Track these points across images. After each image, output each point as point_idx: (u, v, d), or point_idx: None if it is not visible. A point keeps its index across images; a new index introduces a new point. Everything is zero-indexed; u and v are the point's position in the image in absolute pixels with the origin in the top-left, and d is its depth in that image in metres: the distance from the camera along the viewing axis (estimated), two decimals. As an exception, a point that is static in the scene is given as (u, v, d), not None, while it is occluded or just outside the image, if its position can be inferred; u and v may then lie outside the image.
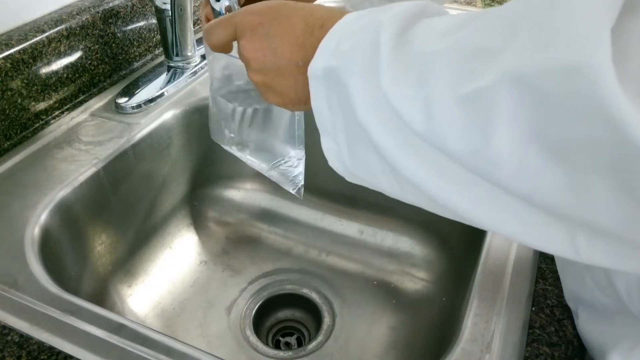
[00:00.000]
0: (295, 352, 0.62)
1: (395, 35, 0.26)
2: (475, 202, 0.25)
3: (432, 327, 0.62)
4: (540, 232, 0.24)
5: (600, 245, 0.23)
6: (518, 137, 0.21)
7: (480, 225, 0.26)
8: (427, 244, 0.71)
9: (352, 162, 0.30)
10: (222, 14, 0.41)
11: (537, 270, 0.46)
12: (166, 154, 0.70)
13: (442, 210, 0.27)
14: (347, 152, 0.30)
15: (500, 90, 0.21)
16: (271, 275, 0.70)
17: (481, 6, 0.97)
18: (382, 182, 0.29)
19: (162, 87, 0.70)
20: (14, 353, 0.40)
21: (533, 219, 0.24)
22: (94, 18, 0.67)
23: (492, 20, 0.23)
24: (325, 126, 0.31)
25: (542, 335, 0.41)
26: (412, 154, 0.26)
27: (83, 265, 0.60)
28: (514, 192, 0.23)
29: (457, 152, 0.24)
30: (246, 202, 0.78)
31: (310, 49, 0.30)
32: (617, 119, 0.18)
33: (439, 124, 0.24)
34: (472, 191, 0.25)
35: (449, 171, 0.25)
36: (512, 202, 0.24)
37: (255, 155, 0.49)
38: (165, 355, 0.40)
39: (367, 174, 0.30)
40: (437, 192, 0.26)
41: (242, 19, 0.34)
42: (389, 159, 0.27)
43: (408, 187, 0.28)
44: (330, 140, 0.31)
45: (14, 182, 0.56)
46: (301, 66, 0.31)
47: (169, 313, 0.65)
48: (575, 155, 0.20)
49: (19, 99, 0.61)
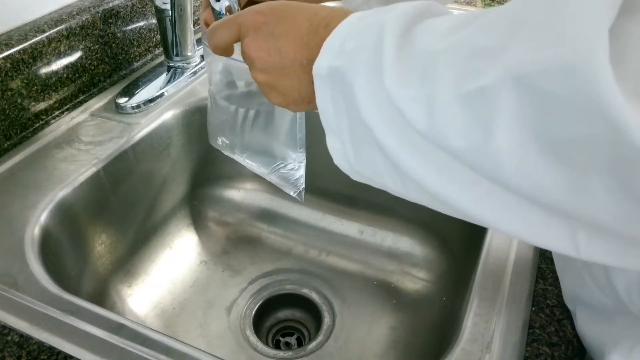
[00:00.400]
0: (295, 352, 0.62)
1: (399, 35, 0.26)
2: (476, 200, 0.26)
3: (432, 327, 0.62)
4: (541, 230, 0.25)
5: (601, 243, 0.23)
6: (518, 135, 0.21)
7: (482, 223, 0.27)
8: (427, 244, 0.71)
9: (356, 160, 0.31)
10: (222, 14, 0.41)
11: (537, 270, 0.46)
12: (166, 154, 0.70)
13: (445, 207, 0.28)
14: (352, 151, 0.30)
15: (501, 89, 0.21)
16: (271, 275, 0.70)
17: (481, 6, 0.97)
18: (386, 180, 0.29)
19: (162, 87, 0.70)
20: (14, 353, 0.40)
21: (534, 217, 0.24)
22: (94, 18, 0.67)
23: (493, 20, 0.23)
24: (330, 125, 0.31)
25: (542, 335, 0.41)
26: (415, 153, 0.26)
27: (83, 265, 0.60)
28: (514, 189, 0.23)
29: (459, 150, 0.24)
30: (246, 202, 0.78)
31: (314, 48, 0.30)
32: (615, 119, 0.18)
33: (441, 122, 0.24)
34: (474, 189, 0.25)
35: (451, 169, 0.25)
36: (513, 200, 0.24)
37: (255, 158, 0.49)
38: (165, 355, 0.40)
39: (371, 172, 0.30)
40: (439, 190, 0.26)
41: (247, 18, 0.34)
42: (393, 157, 0.27)
43: (411, 185, 0.28)
44: (335, 139, 0.31)
45: (14, 182, 0.56)
46: (305, 65, 0.31)
47: (169, 313, 0.65)
48: (575, 154, 0.21)
49: (19, 99, 0.61)
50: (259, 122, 0.46)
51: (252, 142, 0.48)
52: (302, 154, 0.47)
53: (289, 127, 0.45)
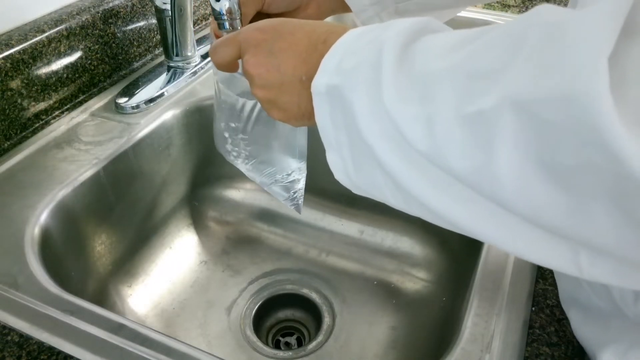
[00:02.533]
0: (295, 352, 0.62)
1: (398, 53, 0.26)
2: (478, 219, 0.26)
3: (432, 327, 0.62)
4: (544, 250, 0.25)
5: (603, 264, 0.23)
6: (518, 159, 0.21)
7: (484, 240, 0.27)
8: (427, 244, 0.71)
9: (357, 175, 0.31)
10: (223, 14, 0.41)
11: (537, 270, 0.46)
12: (166, 154, 0.70)
13: (446, 224, 0.28)
14: (352, 167, 0.31)
15: (501, 113, 0.21)
16: (271, 275, 0.70)
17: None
18: (388, 195, 0.30)
19: (162, 87, 0.70)
20: (14, 353, 0.40)
21: (536, 238, 0.24)
22: (94, 18, 0.67)
23: (494, 41, 0.23)
24: (330, 141, 0.31)
25: (542, 335, 0.41)
26: (416, 171, 0.26)
27: (83, 265, 0.60)
28: (515, 211, 0.23)
29: (459, 171, 0.24)
30: (246, 202, 0.78)
31: (314, 64, 0.30)
32: (614, 148, 0.18)
33: (441, 142, 0.24)
34: (475, 208, 0.25)
35: (452, 188, 0.25)
36: (514, 221, 0.24)
37: (258, 167, 0.49)
38: (165, 355, 0.40)
39: (372, 187, 0.30)
40: (440, 207, 0.27)
41: (247, 35, 0.34)
42: (393, 175, 0.27)
43: (412, 202, 0.28)
44: (335, 154, 0.31)
45: (14, 182, 0.56)
46: (304, 81, 0.31)
47: (169, 313, 0.65)
48: (575, 180, 0.21)
49: (19, 99, 0.61)
50: (262, 132, 0.46)
51: (255, 151, 0.48)
52: (304, 165, 0.47)
53: (292, 139, 0.45)
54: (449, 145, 0.24)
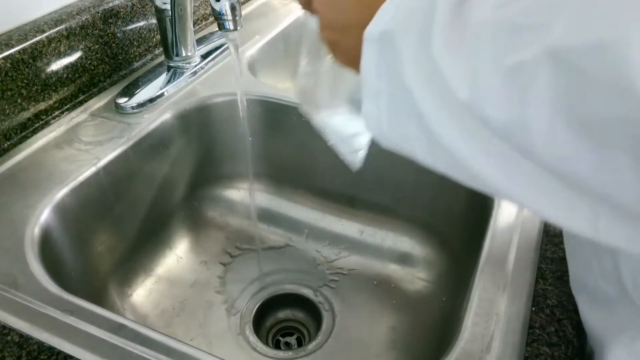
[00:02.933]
0: (295, 352, 0.62)
1: (452, 4, 0.26)
2: (506, 174, 0.26)
3: (432, 327, 0.62)
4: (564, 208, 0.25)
5: (621, 226, 0.24)
6: (549, 109, 0.22)
7: (507, 197, 0.27)
8: (427, 244, 0.71)
9: (389, 126, 0.31)
10: (223, 14, 0.41)
11: (537, 270, 0.46)
12: (166, 154, 0.70)
13: (473, 180, 0.28)
14: (387, 116, 0.31)
15: (540, 64, 0.22)
16: (271, 275, 0.70)
17: None
18: (416, 148, 0.30)
19: (162, 87, 0.70)
20: (14, 353, 0.40)
21: (559, 195, 0.25)
22: (94, 18, 0.67)
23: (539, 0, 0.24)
24: (370, 90, 0.31)
25: (542, 335, 0.41)
26: (452, 120, 0.27)
27: (83, 265, 0.60)
28: (542, 163, 0.24)
29: (494, 121, 0.24)
30: (246, 202, 0.78)
31: (376, 9, 0.30)
32: None
33: (482, 92, 0.24)
34: (506, 163, 0.26)
35: (486, 141, 0.26)
36: (541, 177, 0.25)
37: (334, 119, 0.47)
38: (165, 355, 0.40)
39: (402, 139, 0.30)
40: (470, 160, 0.27)
41: None
42: (428, 123, 0.28)
43: (442, 155, 0.28)
44: (371, 104, 0.31)
45: (14, 182, 0.56)
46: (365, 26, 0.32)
47: (169, 313, 0.65)
48: (603, 131, 0.21)
49: (19, 99, 0.61)
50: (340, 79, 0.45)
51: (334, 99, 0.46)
52: None
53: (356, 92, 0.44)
54: (488, 95, 0.24)
